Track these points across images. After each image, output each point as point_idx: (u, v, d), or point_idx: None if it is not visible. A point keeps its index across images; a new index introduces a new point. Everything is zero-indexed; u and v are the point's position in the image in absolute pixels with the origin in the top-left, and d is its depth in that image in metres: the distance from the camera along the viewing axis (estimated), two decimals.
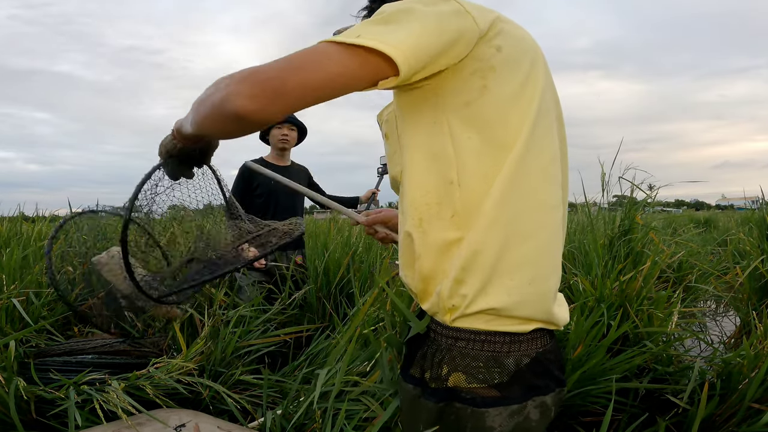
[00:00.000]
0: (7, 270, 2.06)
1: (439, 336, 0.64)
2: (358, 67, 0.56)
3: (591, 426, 1.47)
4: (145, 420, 1.15)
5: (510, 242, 0.60)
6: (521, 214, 0.61)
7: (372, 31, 0.57)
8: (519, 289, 0.60)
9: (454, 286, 0.61)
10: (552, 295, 0.64)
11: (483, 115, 0.62)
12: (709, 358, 1.64)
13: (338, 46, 0.56)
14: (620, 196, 2.51)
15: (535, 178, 0.63)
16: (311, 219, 7.76)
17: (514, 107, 0.63)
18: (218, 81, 0.57)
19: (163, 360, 1.54)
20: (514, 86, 0.63)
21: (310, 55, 0.55)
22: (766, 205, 3.10)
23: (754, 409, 1.35)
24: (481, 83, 0.61)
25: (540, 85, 0.66)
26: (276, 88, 0.53)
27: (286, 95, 0.54)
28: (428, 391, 0.63)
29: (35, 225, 3.26)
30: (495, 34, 0.62)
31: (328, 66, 0.55)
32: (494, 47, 0.62)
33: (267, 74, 0.53)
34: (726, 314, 2.91)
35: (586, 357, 1.48)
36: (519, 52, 0.65)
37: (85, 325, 2.27)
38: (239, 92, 0.53)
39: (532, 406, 0.61)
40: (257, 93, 0.52)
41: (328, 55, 0.55)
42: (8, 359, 1.37)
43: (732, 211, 9.68)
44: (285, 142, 2.66)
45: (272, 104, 0.53)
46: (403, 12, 0.59)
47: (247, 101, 0.53)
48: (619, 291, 1.90)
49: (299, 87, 0.54)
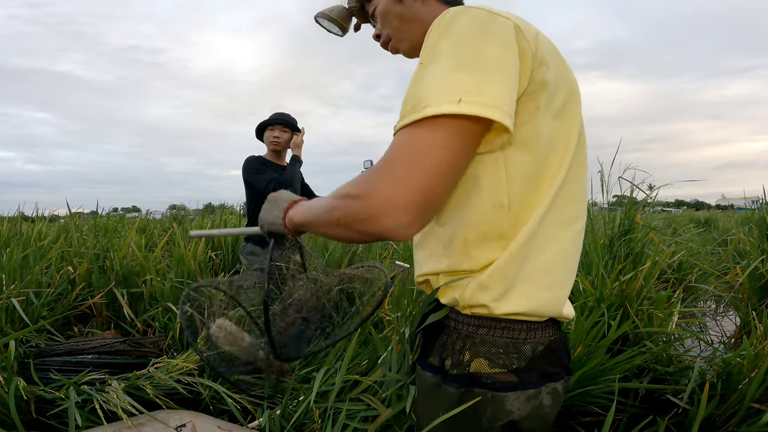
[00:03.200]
0: (7, 270, 2.06)
1: (459, 324, 0.66)
2: (463, 141, 0.53)
3: (591, 426, 1.47)
4: (146, 420, 1.15)
5: (532, 252, 0.63)
6: (546, 229, 0.63)
7: (461, 87, 0.52)
8: (537, 294, 0.63)
9: (478, 291, 0.63)
10: (565, 299, 0.67)
11: (534, 136, 0.61)
12: (709, 358, 1.64)
13: (435, 127, 0.52)
14: (620, 196, 2.51)
15: (568, 198, 0.65)
16: None
17: (564, 126, 0.63)
18: (346, 198, 0.55)
19: (163, 360, 1.54)
20: (559, 104, 0.63)
21: (419, 153, 0.51)
22: (766, 205, 3.10)
23: (754, 409, 1.35)
24: (534, 105, 0.60)
25: (579, 98, 0.65)
26: (423, 208, 0.51)
27: (428, 209, 0.52)
28: (449, 377, 0.65)
29: (35, 225, 3.26)
30: (541, 48, 0.60)
31: (440, 156, 0.51)
32: (545, 65, 0.60)
33: (402, 195, 0.50)
34: (726, 314, 2.91)
35: (586, 357, 1.48)
36: (558, 66, 0.63)
37: (85, 325, 2.27)
38: (387, 215, 0.51)
39: (546, 392, 0.64)
40: (411, 219, 0.51)
41: (434, 144, 0.52)
42: (8, 359, 1.37)
43: (732, 211, 9.68)
44: (276, 144, 2.65)
45: (419, 223, 0.52)
46: (474, 52, 0.55)
47: (398, 226, 0.51)
48: (619, 291, 1.90)
49: (432, 195, 0.51)
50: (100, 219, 3.23)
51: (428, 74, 0.55)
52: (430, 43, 0.58)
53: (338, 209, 0.56)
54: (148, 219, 4.96)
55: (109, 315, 2.31)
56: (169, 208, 6.32)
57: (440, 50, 0.56)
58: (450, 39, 0.56)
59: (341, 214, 0.55)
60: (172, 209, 6.07)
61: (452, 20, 0.57)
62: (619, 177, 2.41)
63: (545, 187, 0.62)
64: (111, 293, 2.28)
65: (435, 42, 0.57)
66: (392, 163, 0.52)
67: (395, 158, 0.52)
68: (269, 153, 2.71)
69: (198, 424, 1.13)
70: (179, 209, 5.79)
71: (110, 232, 2.89)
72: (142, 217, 4.91)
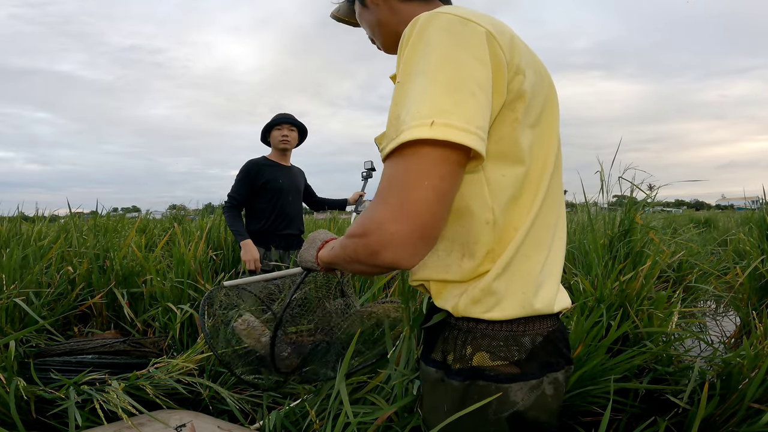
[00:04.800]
0: (7, 270, 2.06)
1: (460, 320, 0.67)
2: (448, 166, 0.53)
3: (591, 426, 1.47)
4: (146, 420, 1.15)
5: (519, 262, 0.64)
6: (531, 237, 0.64)
7: (434, 109, 0.52)
8: (528, 300, 0.64)
9: (470, 305, 0.64)
10: (555, 294, 0.69)
11: (513, 149, 0.61)
12: (709, 358, 1.64)
13: (419, 155, 0.52)
14: (620, 196, 2.51)
15: (550, 204, 0.66)
16: (311, 219, 7.77)
17: (542, 135, 0.63)
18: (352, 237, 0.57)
19: (163, 360, 1.54)
20: (536, 112, 0.62)
21: (408, 184, 0.52)
22: (766, 205, 3.10)
23: (754, 409, 1.35)
24: (513, 116, 0.59)
25: (556, 104, 0.65)
26: (420, 237, 0.53)
27: (427, 237, 0.53)
28: (452, 371, 0.66)
29: (35, 225, 3.26)
30: (516, 56, 0.59)
31: (429, 185, 0.52)
32: (521, 73, 0.59)
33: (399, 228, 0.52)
34: (726, 314, 2.91)
35: (586, 357, 1.48)
36: (535, 73, 0.62)
37: (85, 325, 2.27)
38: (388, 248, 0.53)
39: (547, 382, 0.65)
40: (412, 250, 0.53)
41: (421, 173, 0.52)
42: (8, 359, 1.37)
43: (732, 211, 9.68)
44: (286, 143, 2.66)
45: (421, 251, 0.54)
46: (448, 68, 0.53)
47: (402, 258, 0.53)
48: (619, 291, 1.90)
49: (428, 223, 0.52)
50: (100, 219, 3.23)
51: (404, 94, 0.55)
52: (405, 59, 0.57)
53: (348, 248, 0.59)
54: (148, 219, 4.96)
55: (109, 315, 2.30)
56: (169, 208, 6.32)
57: (414, 68, 0.55)
58: (423, 53, 0.55)
59: (351, 252, 0.58)
60: (172, 209, 6.06)
61: (423, 30, 0.56)
62: (619, 177, 2.41)
63: (529, 199, 0.63)
64: (111, 293, 2.28)
65: (408, 58, 0.56)
66: (385, 196, 0.53)
67: (387, 191, 0.54)
68: (274, 153, 2.71)
69: (198, 424, 1.13)
70: (179, 209, 5.79)
71: (110, 232, 2.89)
72: (142, 217, 4.91)
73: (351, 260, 0.59)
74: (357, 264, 0.59)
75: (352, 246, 0.58)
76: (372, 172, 2.98)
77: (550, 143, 0.65)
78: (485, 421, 0.64)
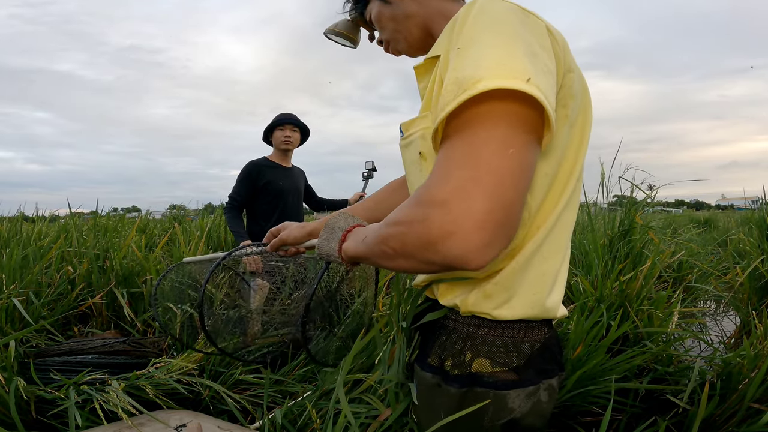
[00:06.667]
0: (7, 270, 2.06)
1: (459, 324, 0.65)
2: (529, 133, 0.43)
3: (591, 426, 1.47)
4: (146, 420, 1.15)
5: (537, 261, 0.62)
6: (553, 237, 0.63)
7: (520, 67, 0.43)
8: (540, 301, 0.63)
9: (481, 299, 0.63)
10: (560, 302, 0.68)
11: (556, 147, 0.58)
12: (709, 358, 1.64)
13: (493, 120, 0.42)
14: (620, 196, 2.51)
15: (573, 206, 0.65)
16: (311, 219, 7.76)
17: (576, 136, 0.61)
18: (400, 224, 0.47)
19: (163, 360, 1.55)
20: (577, 112, 0.60)
21: (483, 154, 0.41)
22: (766, 205, 3.10)
23: (754, 409, 1.35)
24: (564, 112, 0.56)
25: (590, 108, 0.64)
26: (500, 220, 0.41)
27: (507, 225, 0.42)
28: (450, 377, 0.64)
29: (35, 225, 3.26)
30: (568, 54, 0.56)
31: (518, 153, 0.42)
32: (572, 71, 0.56)
33: (471, 209, 0.40)
34: (726, 314, 2.91)
35: (586, 357, 1.48)
36: (578, 74, 0.60)
37: (85, 325, 2.27)
38: (454, 236, 0.41)
39: (543, 389, 0.64)
40: (486, 239, 0.40)
41: (500, 140, 0.42)
42: (8, 359, 1.37)
43: (732, 211, 9.68)
44: (288, 144, 2.66)
45: (497, 244, 0.42)
46: (520, 38, 0.46)
47: (470, 249, 0.41)
48: (619, 291, 1.90)
49: (510, 204, 0.41)
50: (100, 219, 3.23)
51: (470, 56, 0.45)
52: (467, 28, 0.49)
53: (393, 238, 0.47)
54: (148, 219, 4.96)
55: (109, 315, 2.31)
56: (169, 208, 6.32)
57: (482, 35, 0.47)
58: (491, 23, 0.48)
59: (397, 244, 0.47)
60: (172, 209, 6.07)
61: (486, 7, 0.51)
62: (620, 177, 2.41)
63: (556, 198, 0.61)
64: (111, 293, 2.28)
65: (472, 24, 0.49)
66: (450, 168, 0.42)
67: (453, 162, 0.42)
68: (276, 153, 2.71)
69: (198, 424, 1.13)
70: (179, 209, 5.79)
71: (110, 232, 2.89)
72: (142, 217, 4.91)
73: (395, 254, 0.48)
74: (404, 260, 0.47)
75: (398, 236, 0.46)
76: (373, 173, 2.98)
77: (581, 145, 0.63)
78: (481, 428, 0.63)
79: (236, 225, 2.57)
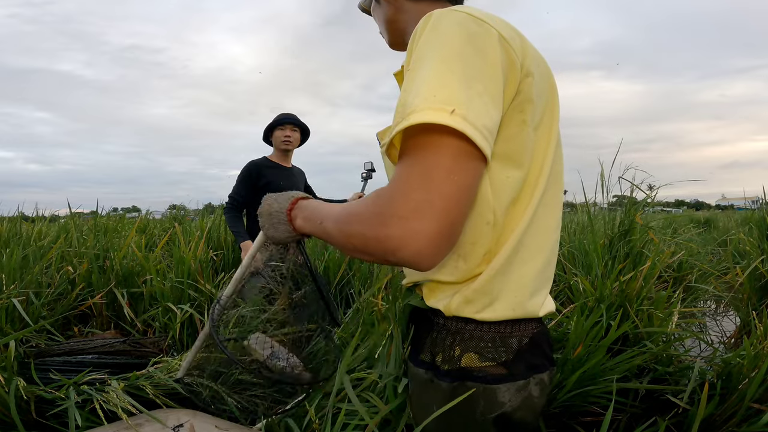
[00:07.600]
0: (7, 270, 2.06)
1: (448, 321, 0.67)
2: (475, 162, 0.50)
3: (591, 426, 1.47)
4: (145, 420, 1.15)
5: (517, 264, 0.63)
6: (530, 240, 0.64)
7: (452, 97, 0.49)
8: (521, 303, 0.64)
9: (463, 305, 0.64)
10: (545, 299, 0.69)
11: (519, 151, 0.60)
12: (709, 358, 1.64)
13: (441, 145, 0.49)
14: (620, 196, 2.51)
15: (549, 207, 0.66)
16: None
17: (542, 137, 0.63)
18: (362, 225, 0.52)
19: (163, 360, 1.54)
20: (540, 114, 0.62)
21: (434, 176, 0.48)
22: (766, 205, 3.10)
23: (754, 409, 1.35)
24: (521, 117, 0.59)
25: (556, 107, 0.65)
26: (447, 235, 0.49)
27: (452, 237, 0.50)
28: (441, 372, 0.66)
29: (35, 225, 3.26)
30: (527, 58, 0.58)
31: (459, 179, 0.49)
32: (530, 75, 0.58)
33: (425, 225, 0.48)
34: (726, 314, 2.91)
35: (586, 357, 1.48)
36: (540, 75, 0.61)
37: (85, 325, 2.28)
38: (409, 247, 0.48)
39: (533, 383, 0.65)
40: (435, 249, 0.49)
41: (449, 170, 0.49)
42: (8, 359, 1.37)
43: (732, 211, 9.68)
44: (288, 144, 2.66)
45: (443, 252, 0.50)
46: (463, 64, 0.52)
47: (422, 257, 0.49)
48: (619, 291, 1.90)
49: (455, 221, 0.49)
50: (100, 219, 3.23)
51: (414, 80, 0.53)
52: (418, 48, 0.55)
53: (356, 238, 0.53)
54: (148, 219, 4.96)
55: (109, 315, 2.31)
56: (169, 208, 6.32)
57: (427, 55, 0.53)
58: (438, 44, 0.54)
59: (359, 243, 0.53)
60: (172, 209, 6.07)
61: (438, 24, 0.55)
62: (619, 177, 2.41)
63: (526, 201, 0.63)
64: (111, 293, 2.28)
65: (422, 47, 0.55)
66: (406, 190, 0.49)
67: (408, 185, 0.49)
68: (276, 153, 2.71)
69: (196, 424, 1.13)
70: (179, 209, 5.79)
71: (110, 232, 2.89)
72: (142, 217, 4.92)
73: (355, 249, 0.54)
74: (364, 255, 0.54)
75: (360, 237, 0.53)
76: (372, 173, 2.98)
77: (548, 145, 0.64)
78: (473, 422, 0.64)
79: (236, 225, 2.57)
